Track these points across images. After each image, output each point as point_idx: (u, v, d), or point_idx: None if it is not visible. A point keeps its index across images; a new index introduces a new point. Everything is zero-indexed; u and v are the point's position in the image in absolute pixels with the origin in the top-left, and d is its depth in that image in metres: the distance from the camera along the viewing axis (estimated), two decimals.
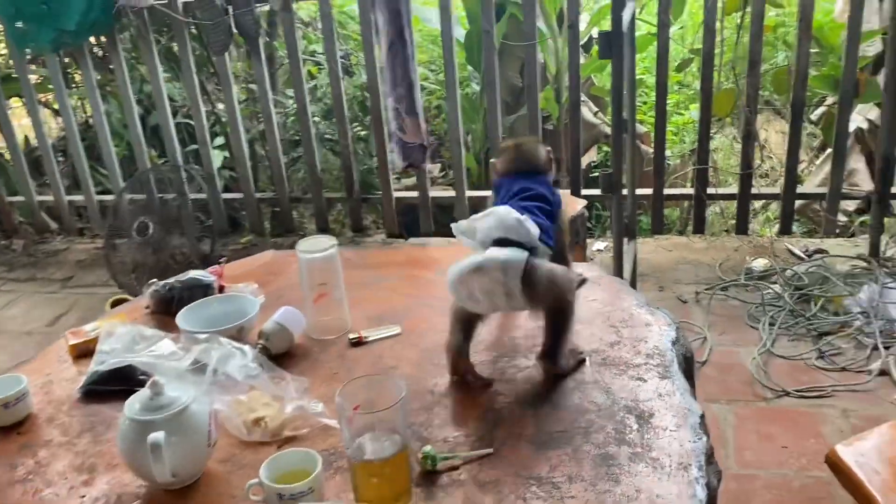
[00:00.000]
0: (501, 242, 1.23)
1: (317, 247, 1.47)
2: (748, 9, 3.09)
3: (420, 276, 1.71)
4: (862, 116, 4.16)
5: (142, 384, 1.33)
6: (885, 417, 2.30)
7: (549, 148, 1.46)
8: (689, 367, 1.40)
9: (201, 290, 1.61)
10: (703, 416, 1.20)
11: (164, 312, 1.60)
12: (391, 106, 2.47)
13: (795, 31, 3.12)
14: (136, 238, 3.63)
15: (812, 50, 3.13)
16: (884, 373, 2.51)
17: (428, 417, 1.22)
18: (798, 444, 2.23)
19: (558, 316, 1.26)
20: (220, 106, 4.40)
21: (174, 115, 4.20)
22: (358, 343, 1.46)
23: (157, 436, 1.04)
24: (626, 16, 2.24)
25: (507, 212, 1.25)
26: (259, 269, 1.85)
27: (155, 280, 1.65)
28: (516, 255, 1.21)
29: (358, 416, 1.01)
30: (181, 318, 1.45)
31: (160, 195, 3.84)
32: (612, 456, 1.11)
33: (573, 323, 1.27)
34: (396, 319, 1.52)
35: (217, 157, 4.22)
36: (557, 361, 1.28)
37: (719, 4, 3.13)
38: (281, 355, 1.42)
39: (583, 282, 1.54)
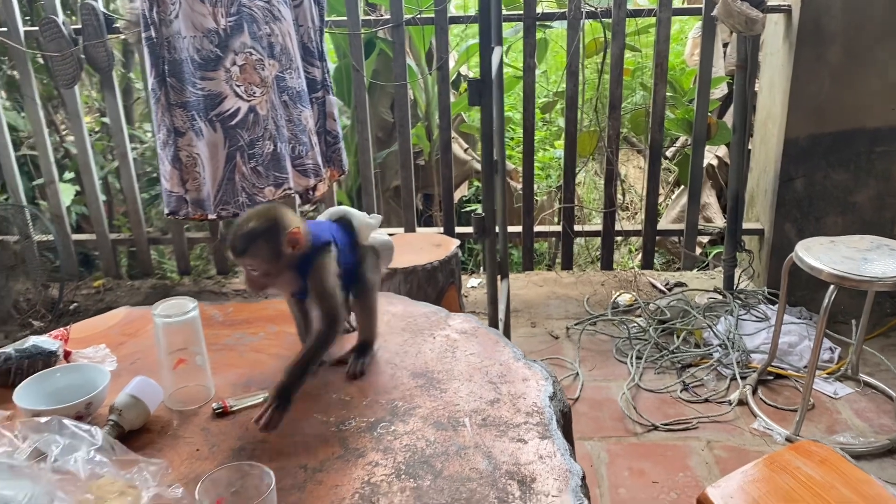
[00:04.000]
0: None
1: (175, 309, 1.36)
2: (607, 52, 3.22)
3: (289, 333, 1.62)
4: (712, 154, 4.45)
5: None
6: (746, 447, 2.42)
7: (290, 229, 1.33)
8: (567, 424, 1.39)
9: (43, 358, 1.44)
10: (584, 478, 1.18)
11: (0, 385, 1.42)
12: (158, 151, 2.37)
13: (652, 76, 3.28)
14: None
15: (667, 94, 3.29)
16: (742, 402, 2.64)
17: (300, 497, 1.13)
18: (668, 479, 2.29)
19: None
20: (71, 138, 4.11)
21: (18, 146, 3.88)
22: (223, 413, 1.35)
23: None
24: (493, 62, 2.26)
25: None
26: (111, 329, 1.70)
27: None
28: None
29: None
30: (20, 394, 1.29)
31: (0, 237, 3.51)
32: None
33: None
34: (265, 384, 1.43)
35: (68, 192, 3.92)
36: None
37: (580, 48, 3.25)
38: (135, 431, 1.29)
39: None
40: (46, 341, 1.48)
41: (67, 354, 1.51)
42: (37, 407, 1.27)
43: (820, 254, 2.35)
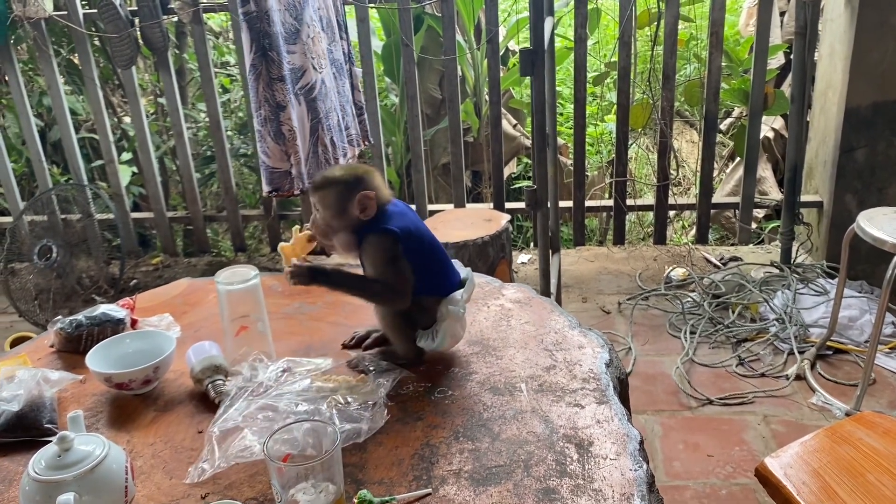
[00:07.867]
0: None
1: (237, 277, 1.39)
2: (661, 22, 3.16)
3: (346, 302, 1.65)
4: (768, 126, 4.34)
5: (48, 433, 1.24)
6: (803, 422, 2.38)
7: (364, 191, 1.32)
8: (623, 390, 1.39)
9: (112, 326, 1.50)
10: (641, 442, 1.18)
11: (72, 351, 1.48)
12: (256, 128, 2.37)
13: (706, 45, 3.21)
14: (37, 262, 3.41)
15: (722, 64, 3.22)
16: (800, 377, 2.59)
17: (362, 458, 1.16)
18: (723, 453, 2.27)
19: None
20: (127, 120, 4.21)
21: (77, 129, 4.00)
22: None
23: (66, 498, 0.94)
24: (545, 31, 2.24)
25: None
26: (174, 299, 1.75)
27: (60, 317, 1.53)
28: None
29: (289, 467, 0.94)
30: (91, 359, 1.35)
31: (64, 216, 3.63)
32: (554, 490, 1.08)
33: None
34: (325, 350, 1.46)
35: (125, 174, 4.03)
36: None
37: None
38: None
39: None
40: (115, 309, 1.53)
41: (134, 322, 1.56)
42: (107, 371, 1.32)
43: (883, 224, 2.28)
